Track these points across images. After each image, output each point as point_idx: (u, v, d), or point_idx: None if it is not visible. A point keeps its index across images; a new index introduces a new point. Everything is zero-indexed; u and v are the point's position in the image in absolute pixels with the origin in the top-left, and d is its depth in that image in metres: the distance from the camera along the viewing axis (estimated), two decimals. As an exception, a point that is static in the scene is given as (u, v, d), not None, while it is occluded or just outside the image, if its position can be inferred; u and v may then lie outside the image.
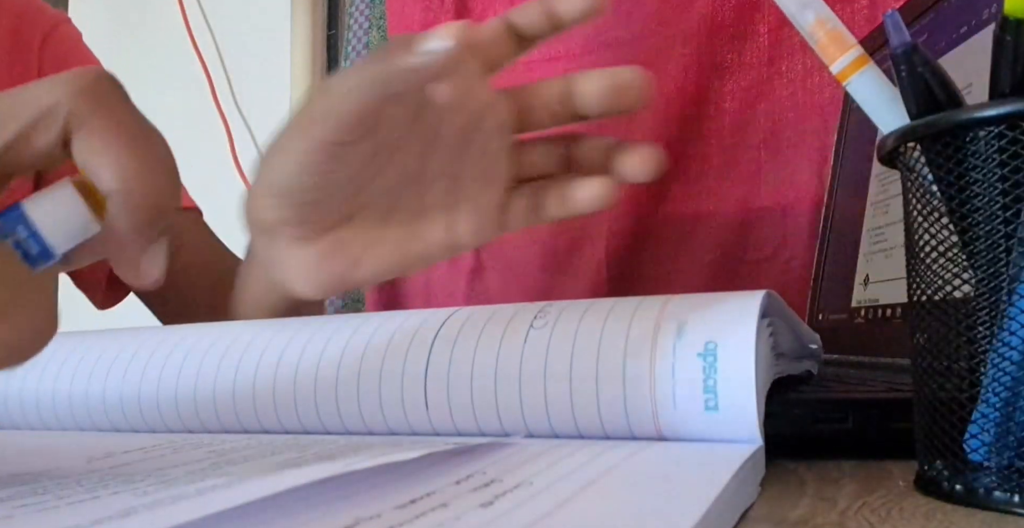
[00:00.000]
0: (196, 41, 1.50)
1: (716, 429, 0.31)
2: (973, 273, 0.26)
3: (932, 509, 0.25)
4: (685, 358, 0.31)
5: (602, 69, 0.36)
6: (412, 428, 0.36)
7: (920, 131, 0.27)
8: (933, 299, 0.27)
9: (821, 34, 0.31)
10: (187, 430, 0.40)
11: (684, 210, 0.97)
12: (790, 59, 0.92)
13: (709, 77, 0.96)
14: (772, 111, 0.93)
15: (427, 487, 0.24)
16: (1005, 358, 0.25)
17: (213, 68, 1.50)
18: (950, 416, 0.27)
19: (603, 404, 0.32)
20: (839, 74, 0.31)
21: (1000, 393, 0.25)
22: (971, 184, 0.26)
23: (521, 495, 0.23)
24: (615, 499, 0.23)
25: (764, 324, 0.32)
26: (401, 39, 0.33)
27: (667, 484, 0.25)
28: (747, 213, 0.93)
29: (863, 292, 0.64)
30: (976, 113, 0.25)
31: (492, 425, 0.34)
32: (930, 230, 0.28)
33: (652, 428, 0.32)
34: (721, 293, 0.33)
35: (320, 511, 0.21)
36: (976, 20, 0.53)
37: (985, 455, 0.26)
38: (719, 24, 0.95)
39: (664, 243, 0.97)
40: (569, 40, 1.04)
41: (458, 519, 0.20)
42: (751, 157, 0.94)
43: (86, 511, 0.21)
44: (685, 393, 0.31)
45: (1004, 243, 0.26)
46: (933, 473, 0.27)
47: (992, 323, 0.26)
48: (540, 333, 0.34)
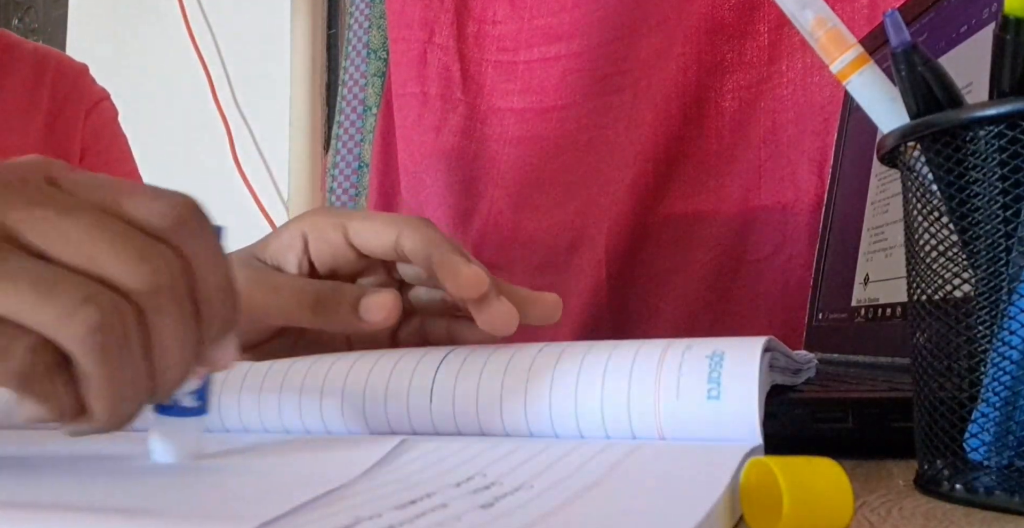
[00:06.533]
0: (196, 41, 1.50)
1: (717, 421, 0.31)
2: (973, 273, 0.26)
3: (932, 509, 0.25)
4: (693, 359, 0.32)
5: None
6: (414, 428, 0.36)
7: (920, 130, 0.27)
8: (933, 299, 0.27)
9: (821, 33, 0.31)
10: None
11: (684, 210, 0.97)
12: (790, 58, 0.92)
13: (709, 76, 0.96)
14: (772, 110, 0.93)
15: (427, 488, 0.24)
16: (1005, 358, 0.25)
17: (213, 68, 1.50)
18: (950, 416, 0.27)
19: (607, 394, 0.32)
20: (839, 73, 0.31)
21: (1000, 393, 0.25)
22: (971, 184, 0.26)
23: (522, 497, 0.23)
24: (615, 500, 0.23)
25: (767, 357, 0.33)
26: (346, 291, 0.41)
27: (668, 484, 0.25)
28: (747, 213, 0.93)
29: (863, 291, 0.64)
30: (976, 112, 0.25)
31: (494, 424, 0.34)
32: (930, 230, 0.28)
33: (653, 420, 0.32)
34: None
35: (320, 511, 0.21)
36: (976, 20, 0.53)
37: (985, 455, 0.26)
38: (719, 23, 0.95)
39: (664, 243, 0.97)
40: (569, 40, 1.04)
41: (458, 519, 0.20)
42: (751, 157, 0.94)
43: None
44: (689, 383, 0.31)
45: (1004, 243, 0.26)
46: (933, 473, 0.27)
47: (992, 323, 0.26)
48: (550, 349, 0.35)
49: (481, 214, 1.09)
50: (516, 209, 1.07)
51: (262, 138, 1.46)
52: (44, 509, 0.23)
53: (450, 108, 1.12)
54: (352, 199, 1.24)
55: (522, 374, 0.34)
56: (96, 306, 0.25)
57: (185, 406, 0.30)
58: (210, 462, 0.31)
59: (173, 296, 0.26)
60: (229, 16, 1.52)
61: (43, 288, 0.25)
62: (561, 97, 1.05)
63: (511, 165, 1.08)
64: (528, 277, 1.04)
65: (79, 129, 0.85)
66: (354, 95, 1.25)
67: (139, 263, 0.26)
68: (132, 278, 0.25)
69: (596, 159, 1.02)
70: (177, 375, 0.27)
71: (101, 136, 0.87)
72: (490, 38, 1.12)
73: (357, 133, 1.24)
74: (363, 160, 1.24)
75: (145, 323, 0.26)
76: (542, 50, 1.07)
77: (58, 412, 0.26)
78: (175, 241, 0.27)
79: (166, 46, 1.55)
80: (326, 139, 1.37)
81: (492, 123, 1.10)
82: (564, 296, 0.43)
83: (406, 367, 0.36)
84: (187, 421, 0.30)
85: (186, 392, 0.30)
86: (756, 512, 0.23)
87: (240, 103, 1.49)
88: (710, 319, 0.94)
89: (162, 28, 1.55)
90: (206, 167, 1.47)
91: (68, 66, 0.87)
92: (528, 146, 1.07)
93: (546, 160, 1.06)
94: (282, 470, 0.30)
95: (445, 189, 1.11)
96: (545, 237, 1.04)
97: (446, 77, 1.13)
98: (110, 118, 0.90)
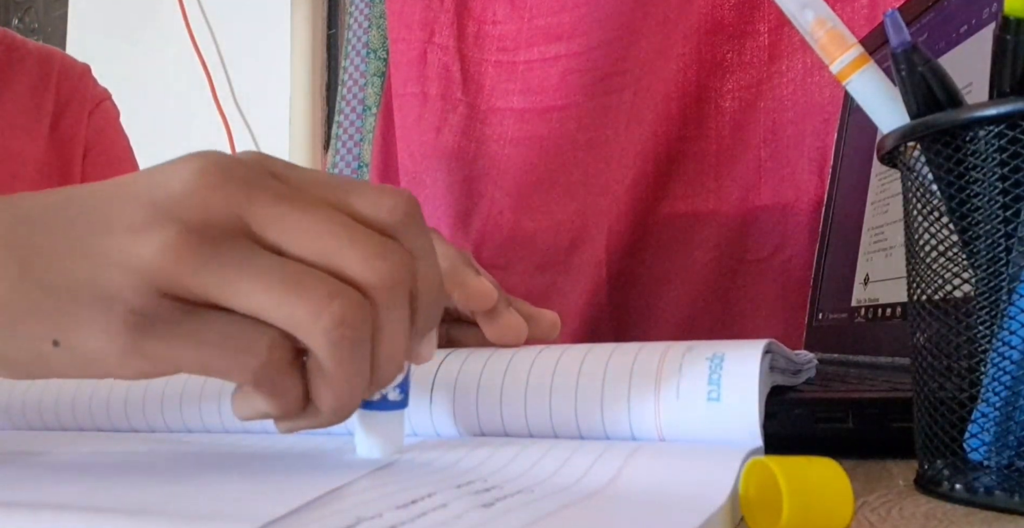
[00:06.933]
0: (196, 41, 1.50)
1: (717, 423, 0.31)
2: (973, 273, 0.26)
3: (932, 509, 0.25)
4: (693, 361, 0.32)
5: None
6: (414, 428, 0.36)
7: (920, 130, 0.27)
8: (933, 298, 0.28)
9: (821, 33, 0.31)
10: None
11: (684, 210, 0.97)
12: (790, 58, 0.92)
13: (709, 76, 0.96)
14: (772, 110, 0.93)
15: (428, 488, 0.24)
16: (1005, 358, 0.25)
17: (213, 68, 1.50)
18: (950, 415, 0.27)
19: (607, 395, 0.32)
20: (839, 73, 0.31)
21: (1000, 393, 0.25)
22: (971, 184, 0.26)
23: (523, 499, 0.23)
24: (617, 501, 0.23)
25: (767, 359, 0.33)
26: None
27: (669, 486, 0.25)
28: (747, 213, 0.93)
29: (863, 291, 0.64)
30: (976, 112, 0.25)
31: (494, 425, 0.34)
32: (930, 230, 0.28)
33: (653, 421, 0.32)
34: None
35: (321, 511, 0.21)
36: (976, 20, 0.53)
37: (985, 455, 0.26)
38: (719, 23, 0.95)
39: (664, 242, 0.97)
40: (569, 40, 1.04)
41: (459, 518, 0.20)
42: (751, 157, 0.94)
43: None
44: (689, 384, 0.31)
45: (1004, 243, 0.26)
46: (933, 473, 0.27)
47: (992, 323, 0.26)
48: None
49: (481, 214, 1.09)
50: (516, 209, 1.07)
51: (262, 138, 1.46)
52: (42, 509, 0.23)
53: (450, 108, 1.12)
54: (352, 199, 1.23)
55: (522, 375, 0.34)
56: (342, 302, 0.25)
57: (390, 400, 0.30)
58: (211, 462, 0.31)
59: (400, 292, 0.26)
60: (229, 16, 1.52)
61: (291, 285, 0.25)
62: (561, 97, 1.05)
63: (511, 165, 1.08)
64: (528, 277, 1.04)
65: (82, 129, 0.85)
66: (354, 95, 1.25)
67: (376, 259, 0.26)
68: (370, 274, 0.26)
69: (596, 159, 1.02)
70: (392, 369, 0.27)
71: (103, 136, 0.87)
72: (490, 38, 1.12)
73: (357, 133, 1.24)
74: (363, 160, 1.24)
75: (377, 318, 0.26)
76: (542, 50, 1.07)
77: (285, 408, 0.27)
78: (401, 237, 0.27)
79: (166, 46, 1.55)
80: (326, 139, 1.36)
81: (492, 123, 1.10)
82: (564, 296, 0.44)
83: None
84: (392, 414, 0.30)
85: (393, 386, 0.30)
86: (756, 512, 0.23)
87: (240, 103, 1.49)
88: (710, 319, 0.94)
89: (162, 28, 1.55)
90: (206, 167, 1.47)
91: (71, 66, 0.88)
92: (528, 146, 1.07)
93: (546, 160, 1.06)
94: (282, 470, 0.30)
95: (445, 189, 1.11)
96: (545, 237, 1.04)
97: (446, 77, 1.13)
98: (112, 118, 0.90)
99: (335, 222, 0.26)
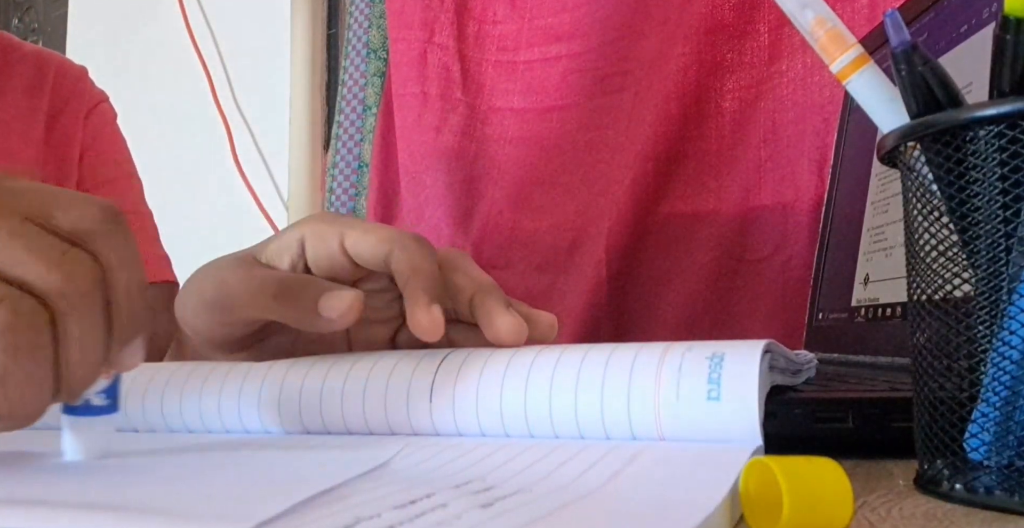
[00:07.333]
0: (196, 41, 1.50)
1: (717, 422, 0.31)
2: (973, 273, 0.26)
3: (932, 509, 0.25)
4: (693, 360, 0.32)
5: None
6: (414, 429, 0.36)
7: (920, 130, 0.27)
8: (933, 298, 0.27)
9: (821, 33, 0.31)
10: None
11: (684, 209, 0.97)
12: (790, 58, 0.92)
13: (709, 76, 0.96)
14: (772, 110, 0.93)
15: (427, 488, 0.24)
16: (1005, 358, 0.25)
17: (213, 68, 1.50)
18: (950, 415, 0.27)
19: (607, 395, 0.32)
20: (839, 73, 0.31)
21: (1000, 392, 0.25)
22: (971, 184, 0.26)
23: (522, 498, 0.23)
24: (616, 501, 0.23)
25: (767, 359, 0.33)
26: (312, 285, 0.40)
27: (668, 485, 0.25)
28: (747, 212, 0.93)
29: (863, 291, 0.64)
30: (976, 112, 0.25)
31: (494, 426, 0.34)
32: (930, 230, 0.28)
33: (653, 421, 0.32)
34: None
35: (320, 511, 0.21)
36: (976, 20, 0.53)
37: (985, 454, 0.26)
38: (719, 23, 0.95)
39: (664, 242, 0.98)
40: (570, 40, 1.04)
41: (458, 518, 0.20)
42: (751, 156, 0.94)
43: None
44: (689, 383, 0.31)
45: (1004, 243, 0.26)
46: (933, 472, 0.27)
47: (992, 323, 0.26)
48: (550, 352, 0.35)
49: (481, 214, 1.09)
50: (516, 209, 1.07)
51: (262, 138, 1.46)
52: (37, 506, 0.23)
53: (450, 108, 1.12)
54: (352, 199, 1.24)
55: (522, 375, 0.34)
56: (6, 308, 0.26)
57: (94, 405, 0.31)
58: (211, 461, 0.31)
59: (84, 300, 0.28)
60: (229, 16, 1.52)
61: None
62: (561, 97, 1.05)
63: (511, 165, 1.08)
64: (528, 277, 1.04)
65: (78, 131, 0.85)
66: (354, 95, 1.25)
67: (52, 267, 0.27)
68: (45, 281, 0.27)
69: (596, 159, 1.02)
70: (85, 375, 0.28)
71: (100, 138, 0.87)
72: (490, 38, 1.12)
73: (357, 133, 1.24)
74: (363, 160, 1.24)
75: (59, 325, 0.27)
76: (542, 50, 1.07)
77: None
78: (92, 246, 0.28)
79: (166, 46, 1.55)
80: (326, 139, 1.36)
81: (492, 123, 1.10)
82: (564, 296, 0.43)
83: (406, 368, 0.36)
84: (96, 420, 0.31)
85: (95, 392, 0.31)
86: (756, 512, 0.23)
87: (240, 103, 1.49)
88: (710, 319, 0.94)
89: (162, 28, 1.55)
90: (206, 167, 1.47)
91: (68, 69, 0.88)
92: (528, 146, 1.07)
93: (546, 160, 1.06)
94: (282, 470, 0.30)
95: (445, 189, 1.11)
96: (545, 237, 1.04)
97: (446, 77, 1.13)
98: (109, 120, 0.90)
99: (16, 233, 0.27)
